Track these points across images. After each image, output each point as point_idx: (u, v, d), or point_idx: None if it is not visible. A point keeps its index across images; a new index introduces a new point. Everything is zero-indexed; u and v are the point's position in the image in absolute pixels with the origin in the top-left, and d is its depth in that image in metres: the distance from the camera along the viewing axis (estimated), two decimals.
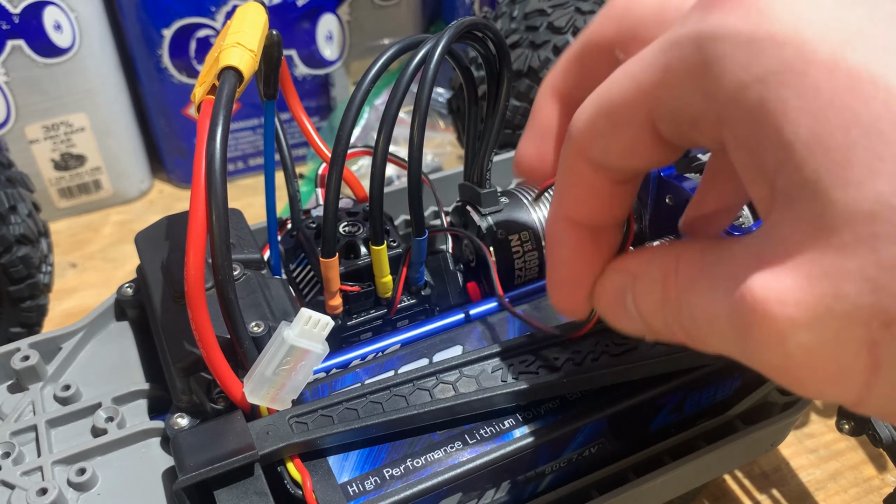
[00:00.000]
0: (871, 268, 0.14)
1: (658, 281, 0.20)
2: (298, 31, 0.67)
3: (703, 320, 0.18)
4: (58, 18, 0.58)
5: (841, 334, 0.15)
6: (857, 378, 0.15)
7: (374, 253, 0.32)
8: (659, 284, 0.20)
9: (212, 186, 0.24)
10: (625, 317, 0.22)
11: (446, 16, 0.77)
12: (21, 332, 0.47)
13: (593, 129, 0.20)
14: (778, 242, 0.16)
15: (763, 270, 0.16)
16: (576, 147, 0.21)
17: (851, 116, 0.14)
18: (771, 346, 0.16)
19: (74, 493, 0.28)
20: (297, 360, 0.26)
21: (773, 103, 0.15)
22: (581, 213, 0.22)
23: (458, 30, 0.29)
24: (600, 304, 0.23)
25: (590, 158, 0.21)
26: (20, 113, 0.60)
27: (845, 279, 0.15)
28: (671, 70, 0.17)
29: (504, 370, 0.29)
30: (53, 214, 0.65)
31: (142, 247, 0.34)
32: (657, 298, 0.20)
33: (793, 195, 0.16)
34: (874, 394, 0.16)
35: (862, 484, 0.43)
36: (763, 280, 0.16)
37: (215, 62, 0.26)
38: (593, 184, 0.21)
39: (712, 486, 0.43)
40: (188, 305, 0.24)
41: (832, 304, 0.15)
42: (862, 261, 0.15)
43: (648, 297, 0.20)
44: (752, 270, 0.16)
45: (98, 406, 0.31)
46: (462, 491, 0.28)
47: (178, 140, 0.68)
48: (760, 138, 0.16)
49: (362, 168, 0.63)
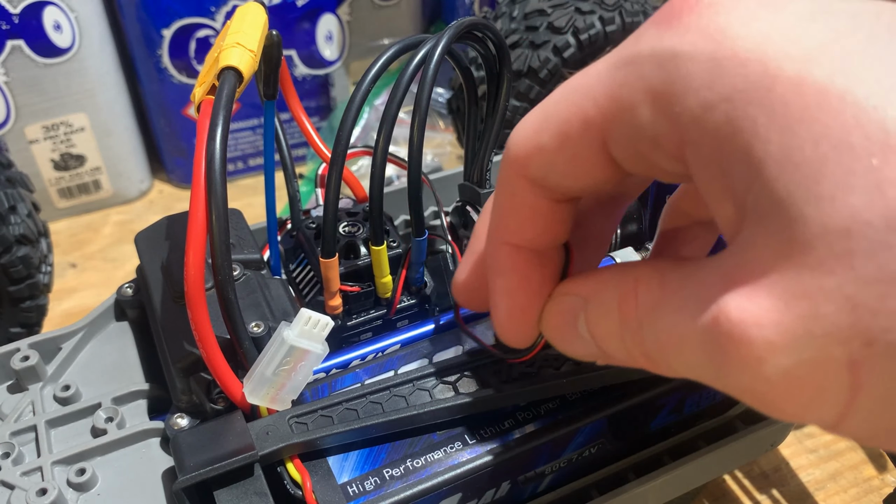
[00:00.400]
0: (848, 286, 0.14)
1: (615, 303, 0.19)
2: (298, 31, 0.67)
3: (669, 344, 0.17)
4: (57, 18, 0.58)
5: (821, 355, 0.15)
6: (837, 400, 0.15)
7: (373, 253, 0.32)
8: (616, 307, 0.19)
9: (211, 186, 0.24)
10: (576, 341, 0.21)
11: (446, 16, 0.77)
12: (21, 332, 0.47)
13: (535, 145, 0.19)
14: (749, 262, 0.16)
15: (735, 291, 0.16)
16: (514, 164, 0.20)
17: (821, 131, 0.14)
18: (748, 371, 0.15)
19: (74, 494, 0.28)
20: (297, 360, 0.26)
21: (741, 121, 0.15)
22: (521, 236, 0.21)
23: (457, 30, 0.29)
24: (549, 328, 0.22)
25: (529, 176, 0.20)
26: (20, 113, 0.60)
27: (823, 299, 0.14)
28: (629, 87, 0.17)
29: (504, 370, 0.29)
30: (53, 214, 0.65)
31: (142, 247, 0.34)
32: (614, 321, 0.19)
33: (763, 213, 0.15)
34: (853, 416, 0.15)
35: (862, 484, 0.43)
36: (737, 302, 0.15)
37: (215, 62, 0.26)
38: (532, 203, 0.20)
39: (712, 486, 0.43)
40: (188, 305, 0.24)
41: (811, 326, 0.15)
42: (839, 279, 0.14)
43: (604, 321, 0.19)
44: (723, 291, 0.16)
45: (98, 406, 0.31)
46: (462, 491, 0.28)
47: (177, 140, 0.68)
48: (728, 157, 0.16)
49: (362, 168, 0.63)
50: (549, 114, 0.19)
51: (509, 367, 0.29)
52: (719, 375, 0.16)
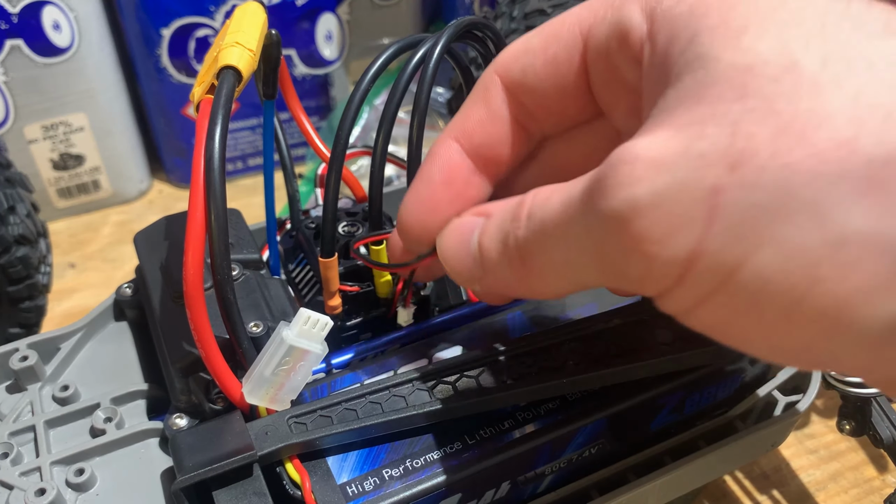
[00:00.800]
0: (735, 112, 0.15)
1: (510, 209, 0.20)
2: (298, 30, 0.67)
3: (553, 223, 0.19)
4: (57, 18, 0.58)
5: (690, 177, 0.16)
6: (693, 227, 0.16)
7: (373, 253, 0.32)
8: (510, 212, 0.20)
9: (210, 186, 0.24)
10: (465, 258, 0.22)
11: (446, 16, 0.77)
12: (20, 332, 0.46)
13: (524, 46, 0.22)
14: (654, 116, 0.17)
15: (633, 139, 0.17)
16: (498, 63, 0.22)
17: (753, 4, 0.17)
18: (622, 193, 0.16)
19: (73, 494, 0.28)
20: (296, 360, 0.26)
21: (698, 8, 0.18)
22: (471, 138, 0.23)
23: (457, 29, 0.29)
24: (444, 242, 0.23)
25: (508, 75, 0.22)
26: (19, 113, 0.60)
27: (710, 123, 0.16)
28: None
29: (504, 370, 0.29)
30: (52, 214, 0.65)
31: (141, 247, 0.34)
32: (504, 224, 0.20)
33: (683, 69, 0.17)
34: (706, 250, 0.16)
35: (862, 485, 0.43)
36: (633, 142, 0.17)
37: (214, 62, 0.26)
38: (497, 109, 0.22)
39: (712, 486, 0.43)
40: (187, 305, 0.24)
41: (690, 146, 0.16)
42: (728, 106, 0.15)
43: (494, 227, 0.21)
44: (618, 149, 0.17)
45: (97, 406, 0.31)
46: (462, 491, 0.28)
47: (177, 140, 0.68)
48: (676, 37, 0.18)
49: (362, 168, 0.62)
50: (547, 23, 0.21)
51: (509, 367, 0.29)
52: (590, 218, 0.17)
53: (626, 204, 0.16)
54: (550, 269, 0.19)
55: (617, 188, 0.16)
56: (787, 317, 0.16)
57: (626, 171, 0.16)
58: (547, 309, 0.33)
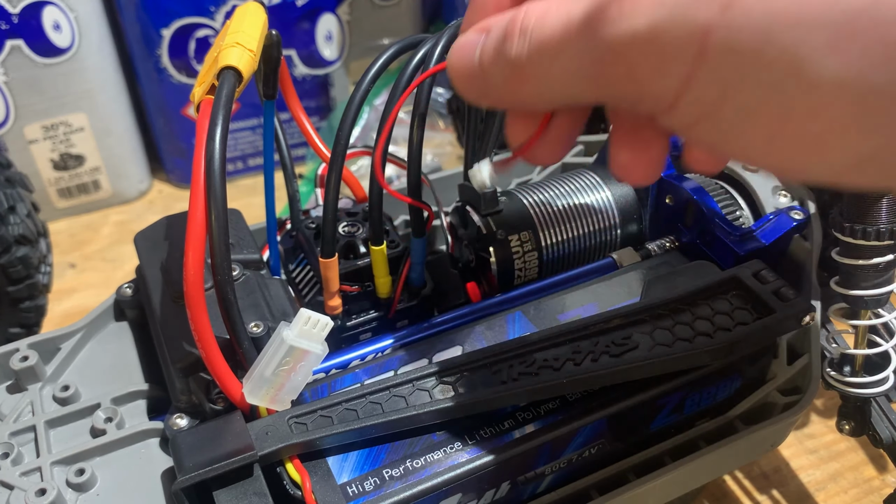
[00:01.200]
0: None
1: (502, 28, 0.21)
2: (298, 31, 0.67)
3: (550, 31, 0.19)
4: (57, 18, 0.58)
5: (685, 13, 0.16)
6: (681, 67, 0.17)
7: (373, 253, 0.32)
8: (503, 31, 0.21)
9: (211, 186, 0.24)
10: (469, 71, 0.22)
11: (446, 16, 0.77)
12: (20, 332, 0.46)
13: None
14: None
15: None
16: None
17: None
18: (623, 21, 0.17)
19: (73, 494, 0.28)
20: (297, 360, 0.26)
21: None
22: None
23: (457, 30, 0.29)
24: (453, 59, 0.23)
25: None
26: (19, 113, 0.60)
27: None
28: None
29: (504, 371, 0.29)
30: (52, 214, 0.65)
31: (141, 247, 0.34)
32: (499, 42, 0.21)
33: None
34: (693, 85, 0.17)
35: (862, 485, 0.43)
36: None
37: (214, 62, 0.26)
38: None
39: (712, 486, 0.43)
40: (187, 306, 0.24)
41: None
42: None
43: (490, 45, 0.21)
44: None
45: (97, 406, 0.31)
46: (462, 491, 0.28)
47: (177, 140, 0.68)
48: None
49: (362, 168, 0.62)
50: None
51: (509, 367, 0.29)
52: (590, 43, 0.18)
53: (626, 35, 0.17)
54: (545, 82, 0.20)
55: (619, 18, 0.17)
56: (769, 142, 0.17)
57: (629, 2, 0.17)
58: (547, 309, 0.33)
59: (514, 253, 0.35)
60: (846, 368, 0.37)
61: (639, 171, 0.23)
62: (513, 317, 0.33)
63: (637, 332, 0.30)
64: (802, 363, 0.34)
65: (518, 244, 0.35)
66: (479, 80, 0.22)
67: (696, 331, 0.30)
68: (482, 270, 0.36)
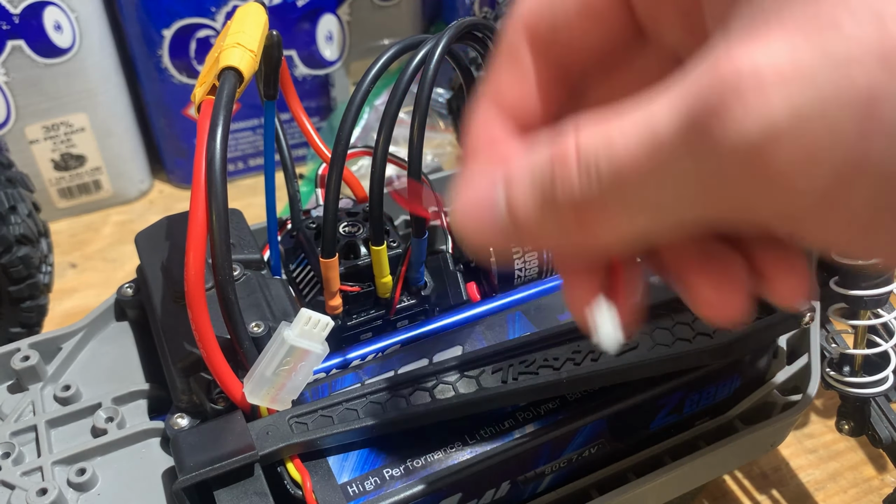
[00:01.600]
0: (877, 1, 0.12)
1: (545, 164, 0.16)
2: (298, 31, 0.67)
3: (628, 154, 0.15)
4: (58, 18, 0.58)
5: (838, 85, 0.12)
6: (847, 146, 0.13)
7: (373, 253, 0.32)
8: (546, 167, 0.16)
9: (212, 187, 0.24)
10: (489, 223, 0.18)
11: (446, 16, 0.77)
12: (21, 332, 0.46)
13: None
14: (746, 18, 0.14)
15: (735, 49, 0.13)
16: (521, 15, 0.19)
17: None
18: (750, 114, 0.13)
19: (74, 494, 0.28)
20: (297, 360, 0.26)
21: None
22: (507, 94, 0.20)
23: (458, 30, 0.29)
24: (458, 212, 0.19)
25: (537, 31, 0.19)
26: (20, 113, 0.60)
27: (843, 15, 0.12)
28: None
29: (504, 371, 0.29)
30: (53, 214, 0.65)
31: (142, 247, 0.34)
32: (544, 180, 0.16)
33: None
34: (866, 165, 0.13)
35: (861, 484, 0.43)
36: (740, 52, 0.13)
37: (215, 62, 0.26)
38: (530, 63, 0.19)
39: (712, 486, 0.43)
40: (188, 306, 0.25)
41: (828, 47, 0.13)
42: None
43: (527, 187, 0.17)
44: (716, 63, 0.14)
45: (98, 406, 0.31)
46: (462, 491, 0.28)
47: (178, 140, 0.68)
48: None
49: (362, 168, 0.63)
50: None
51: (509, 367, 0.29)
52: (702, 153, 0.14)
53: (760, 131, 0.13)
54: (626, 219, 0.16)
55: (744, 112, 0.13)
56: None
57: (752, 89, 0.13)
58: (547, 309, 0.33)
59: (514, 253, 0.35)
60: (846, 368, 0.37)
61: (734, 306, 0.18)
62: (513, 317, 0.33)
63: (637, 331, 0.30)
64: (802, 363, 0.35)
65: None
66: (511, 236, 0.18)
67: (695, 331, 0.30)
68: (482, 270, 0.36)
